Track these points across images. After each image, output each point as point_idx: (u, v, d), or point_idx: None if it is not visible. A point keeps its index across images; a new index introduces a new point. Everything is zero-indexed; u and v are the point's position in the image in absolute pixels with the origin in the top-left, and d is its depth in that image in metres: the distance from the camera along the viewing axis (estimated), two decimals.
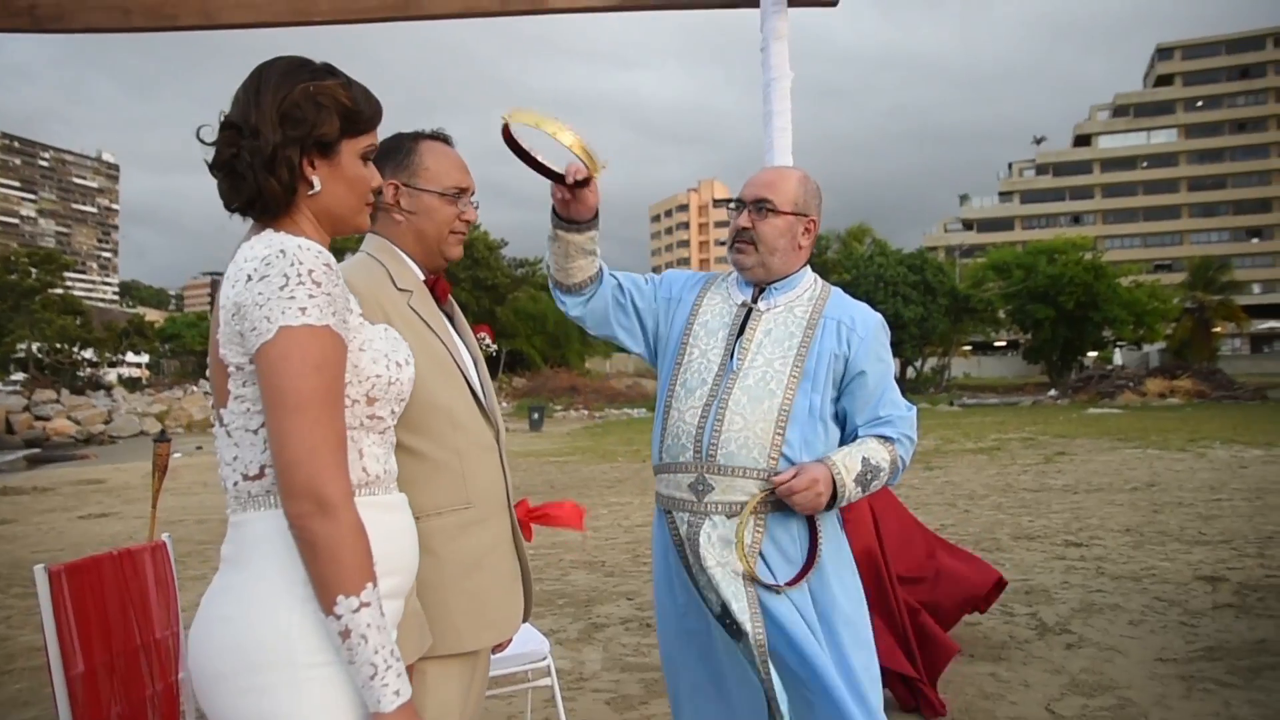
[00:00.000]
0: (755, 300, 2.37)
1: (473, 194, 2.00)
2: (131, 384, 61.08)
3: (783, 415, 2.21)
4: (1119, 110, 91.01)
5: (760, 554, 2.20)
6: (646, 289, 2.50)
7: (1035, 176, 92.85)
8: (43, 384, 53.57)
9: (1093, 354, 52.52)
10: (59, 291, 65.53)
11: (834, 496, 2.19)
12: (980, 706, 4.04)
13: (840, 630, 2.23)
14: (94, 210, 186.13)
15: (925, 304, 47.34)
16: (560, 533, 9.84)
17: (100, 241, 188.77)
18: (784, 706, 2.11)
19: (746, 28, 2.83)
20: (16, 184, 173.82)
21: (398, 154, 1.93)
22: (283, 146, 1.45)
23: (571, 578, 7.47)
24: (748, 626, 2.15)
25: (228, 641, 1.38)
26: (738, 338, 2.31)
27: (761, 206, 2.33)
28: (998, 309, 50.82)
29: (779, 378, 2.24)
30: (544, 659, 3.52)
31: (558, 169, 2.16)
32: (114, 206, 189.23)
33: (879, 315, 2.41)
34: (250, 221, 1.53)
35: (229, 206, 1.50)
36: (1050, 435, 20.50)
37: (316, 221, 1.54)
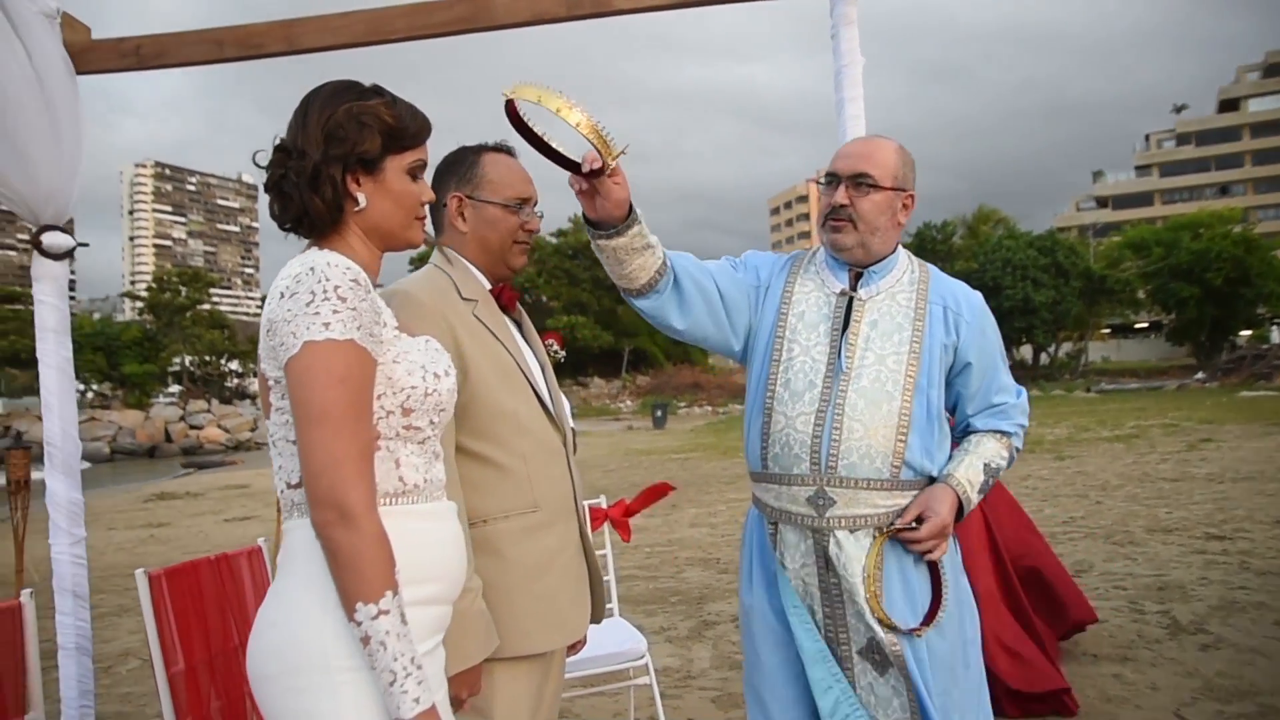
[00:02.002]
0: (854, 287, 2.18)
1: (536, 203, 2.02)
2: None
3: (903, 420, 2.05)
4: (1270, 69, 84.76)
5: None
6: (732, 271, 2.25)
7: (1176, 147, 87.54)
8: (195, 395, 57.16)
9: (1245, 333, 49.17)
10: (207, 308, 69.83)
11: (958, 514, 2.08)
12: (1102, 710, 3.83)
13: (954, 675, 2.10)
14: (236, 229, 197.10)
15: (1057, 287, 45.42)
16: (676, 530, 9.86)
17: (243, 258, 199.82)
18: None
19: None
20: (169, 209, 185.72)
21: (460, 166, 1.97)
22: (325, 165, 1.50)
23: (686, 575, 7.48)
24: (894, 660, 2.03)
25: (273, 645, 1.44)
26: (843, 332, 2.13)
27: (860, 181, 2.11)
28: (1136, 289, 48.23)
29: (894, 377, 2.07)
30: (642, 657, 3.53)
31: (574, 156, 1.89)
32: (254, 225, 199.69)
33: (978, 293, 2.24)
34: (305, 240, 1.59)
35: (281, 225, 1.56)
36: (1195, 421, 19.30)
37: (365, 238, 1.58)
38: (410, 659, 1.37)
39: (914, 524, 2.03)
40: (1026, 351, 50.75)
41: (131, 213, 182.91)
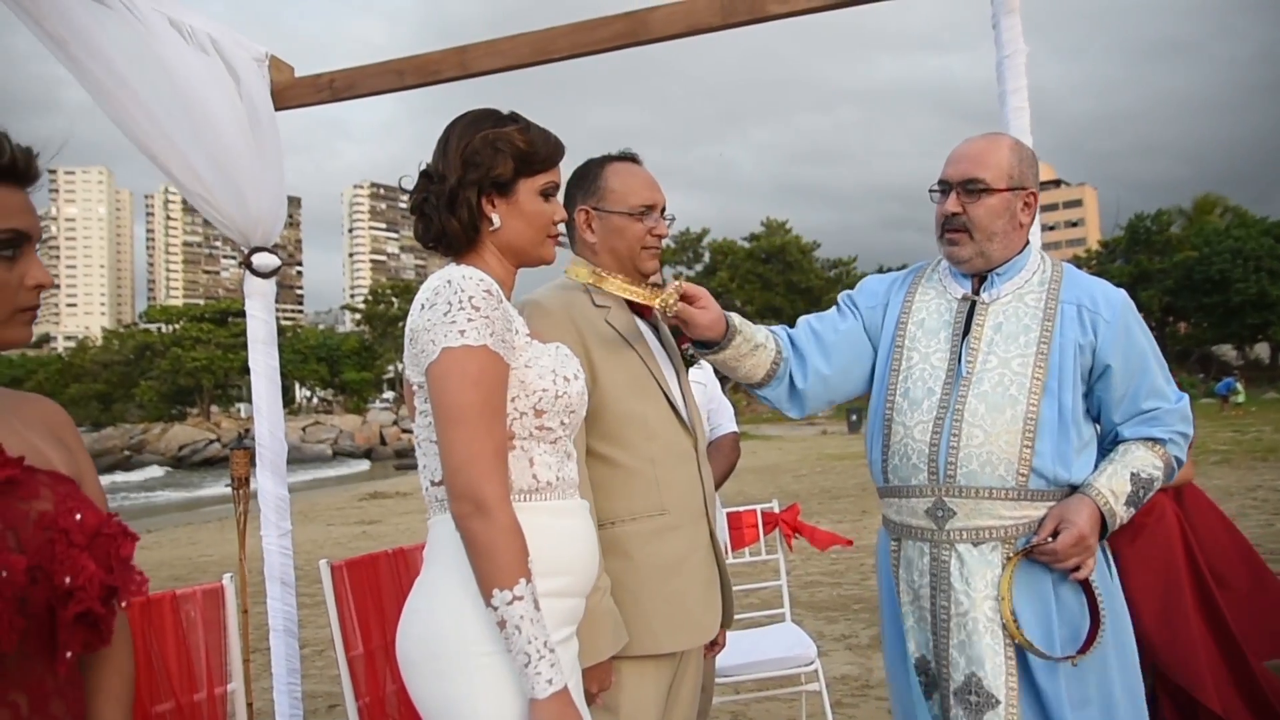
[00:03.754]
0: (977, 291, 2.08)
1: (663, 209, 2.06)
2: None
3: (1029, 424, 1.93)
4: None
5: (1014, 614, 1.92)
6: (834, 318, 2.23)
7: None
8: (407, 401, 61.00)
9: None
10: None
11: (1103, 529, 1.94)
12: None
13: (1094, 704, 1.94)
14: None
15: None
16: (865, 536, 9.64)
17: None
18: None
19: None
20: (383, 225, 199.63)
21: (585, 180, 2.04)
22: (462, 188, 1.64)
23: (870, 582, 7.32)
24: (1001, 695, 1.90)
25: (418, 631, 1.57)
26: (964, 337, 2.04)
27: (972, 187, 2.02)
28: None
29: (1019, 380, 1.95)
30: (811, 663, 3.51)
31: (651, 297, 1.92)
32: None
33: (1123, 292, 2.07)
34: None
35: (424, 244, 1.71)
36: None
37: (500, 255, 1.70)
38: (543, 643, 1.45)
39: (1050, 539, 1.90)
40: (1263, 350, 46.12)
41: (350, 230, 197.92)
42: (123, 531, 1.21)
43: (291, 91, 3.23)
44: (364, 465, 35.41)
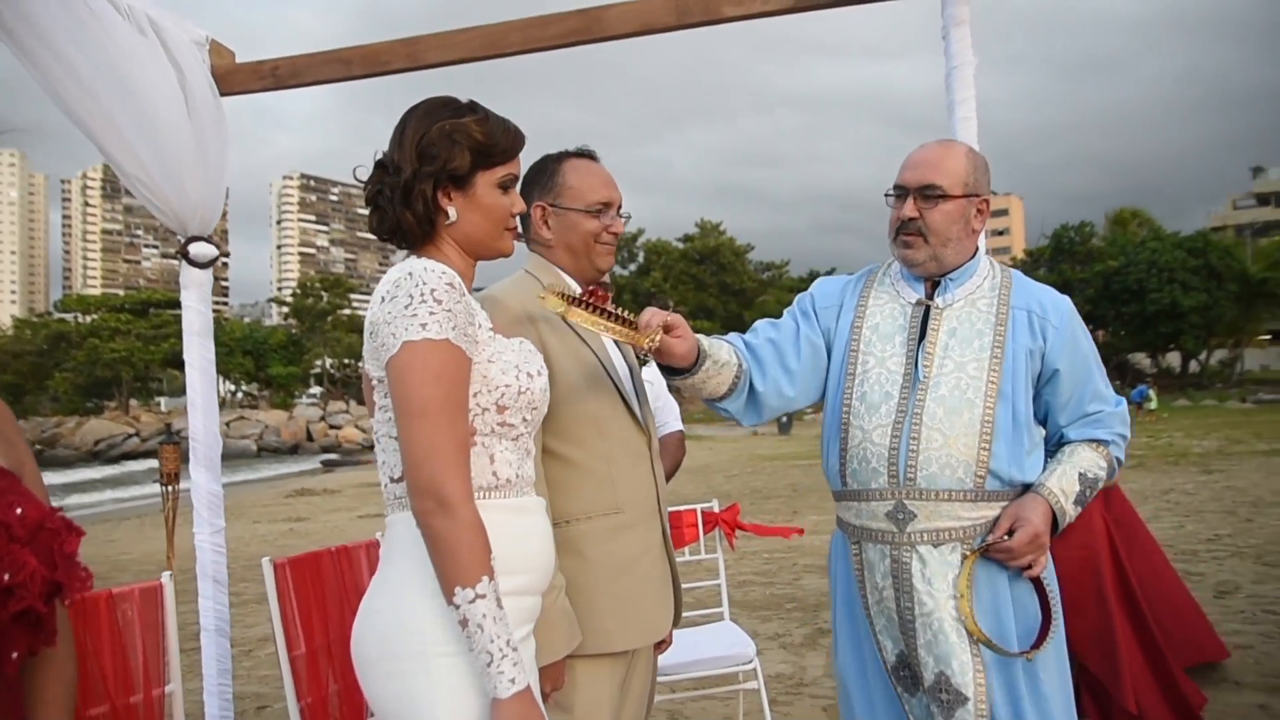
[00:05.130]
0: (931, 296, 2.11)
1: (619, 207, 2.06)
2: None
3: (986, 427, 1.97)
4: None
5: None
6: (785, 325, 2.22)
7: None
8: (335, 396, 59.96)
9: None
10: (347, 312, 73.14)
11: (1053, 528, 1.99)
12: None
13: (1054, 700, 1.99)
14: (374, 237, 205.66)
15: (1209, 290, 42.74)
16: (796, 537, 9.76)
17: (380, 265, 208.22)
18: None
19: (1000, 10, 2.63)
20: (313, 218, 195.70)
21: (542, 176, 2.02)
22: (417, 180, 1.60)
23: (803, 582, 7.41)
24: (969, 692, 1.94)
25: (375, 631, 1.53)
26: (919, 342, 2.07)
27: (929, 193, 2.04)
28: None
29: (975, 384, 1.99)
30: (750, 662, 3.53)
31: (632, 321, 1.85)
32: None
33: (1067, 298, 2.12)
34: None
35: (379, 236, 1.66)
36: None
37: (458, 247, 1.67)
38: (506, 641, 1.43)
39: (1005, 537, 1.95)
40: (1174, 358, 47.96)
41: (279, 222, 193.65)
42: (66, 526, 1.16)
43: (234, 78, 3.14)
44: (313, 463, 34.42)
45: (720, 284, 63.33)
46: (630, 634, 1.90)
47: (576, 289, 2.03)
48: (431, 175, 1.60)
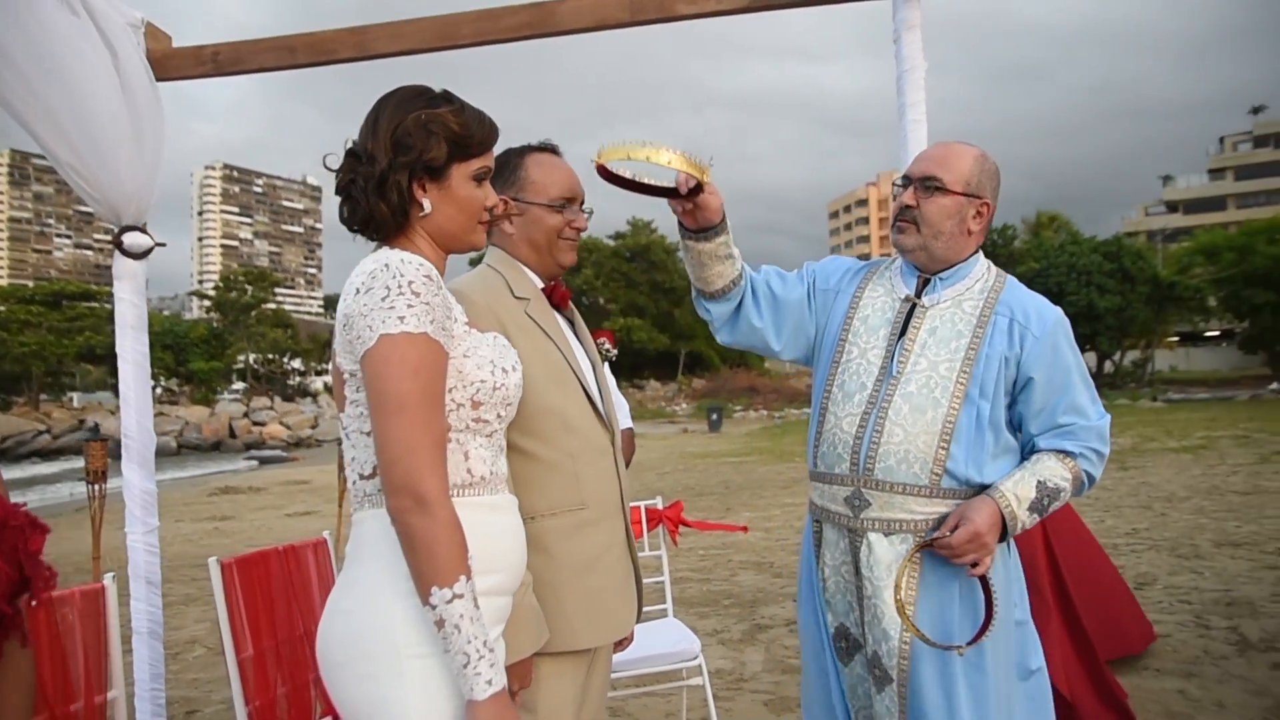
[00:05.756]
0: (920, 294, 2.16)
1: (582, 202, 2.05)
2: None
3: (947, 427, 2.01)
4: None
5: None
6: (791, 282, 2.31)
7: (1253, 150, 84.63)
8: (259, 392, 58.54)
9: None
10: (271, 306, 71.50)
11: (1004, 531, 2.00)
12: None
13: (996, 699, 2.02)
14: (300, 230, 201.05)
15: (1123, 293, 44.28)
16: (731, 534, 9.84)
17: (306, 259, 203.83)
18: None
19: (927, 21, 2.69)
20: (236, 209, 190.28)
21: (505, 170, 2.00)
22: (392, 171, 1.55)
23: (739, 578, 7.48)
24: (894, 675, 2.01)
25: (344, 632, 1.49)
26: (900, 337, 2.12)
27: (929, 184, 2.11)
28: (1207, 296, 46.80)
29: (944, 385, 2.04)
30: (695, 658, 3.55)
31: (666, 184, 2.05)
32: (318, 226, 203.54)
33: (1058, 310, 2.16)
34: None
35: (349, 227, 1.61)
36: (1270, 433, 18.67)
37: (432, 241, 1.63)
38: (483, 642, 1.41)
39: (949, 534, 1.99)
40: (1090, 359, 49.60)
41: (201, 213, 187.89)
42: (31, 523, 1.11)
43: (171, 62, 3.03)
44: (246, 462, 33.20)
45: (651, 282, 63.46)
46: (595, 631, 1.89)
47: (539, 283, 2.01)
48: (407, 166, 1.56)
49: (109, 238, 3.23)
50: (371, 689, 1.45)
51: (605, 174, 1.94)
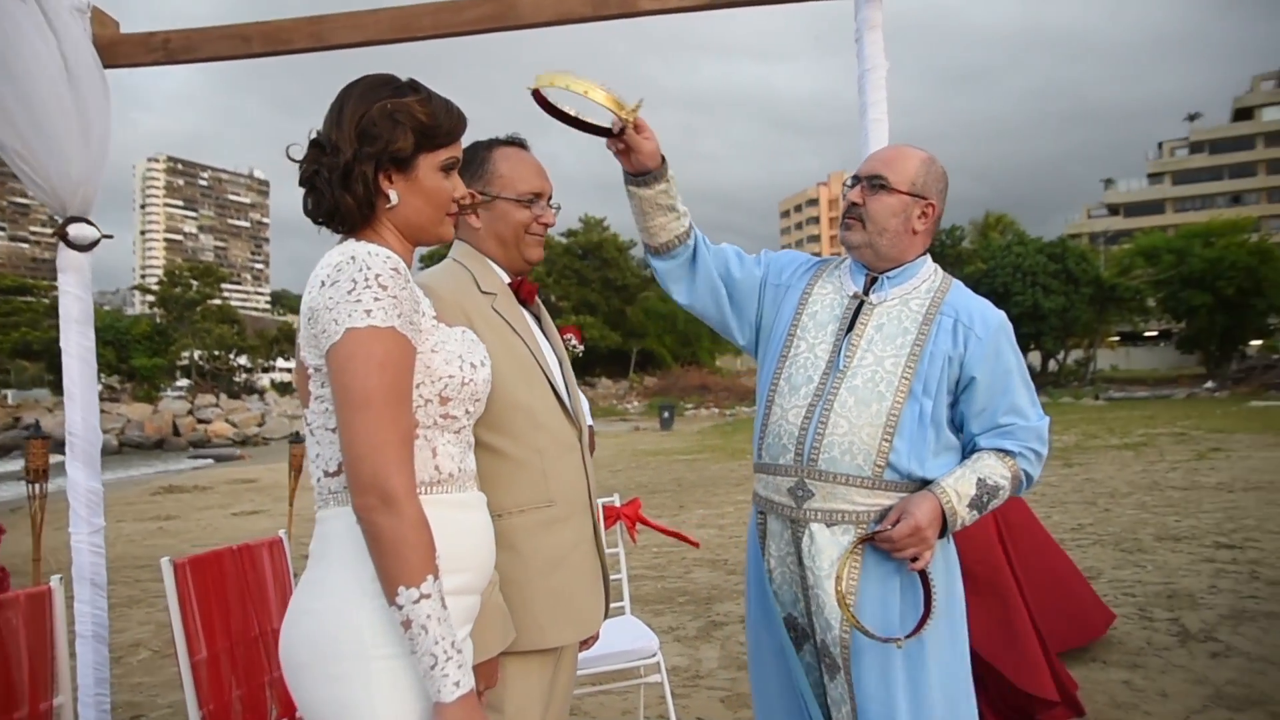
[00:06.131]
0: (867, 291, 2.20)
1: (550, 197, 2.02)
2: (283, 388, 64.57)
3: (891, 421, 2.05)
4: None
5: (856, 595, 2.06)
6: (749, 264, 2.35)
7: (1189, 155, 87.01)
8: (204, 389, 57.34)
9: (1256, 343, 48.96)
10: (217, 302, 70.07)
11: (944, 526, 2.04)
12: (1111, 716, 3.84)
13: (933, 689, 2.05)
14: (247, 224, 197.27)
15: (1067, 294, 45.30)
16: (684, 531, 9.86)
17: (253, 254, 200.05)
18: None
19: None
20: (180, 203, 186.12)
21: (473, 163, 1.96)
22: (358, 162, 1.51)
23: (693, 575, 7.49)
24: (840, 664, 2.05)
25: (308, 633, 1.45)
26: (847, 333, 2.16)
27: (875, 183, 2.16)
28: (1146, 297, 48.05)
29: (889, 379, 2.08)
30: (654, 655, 3.55)
31: (603, 124, 2.08)
32: (265, 220, 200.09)
33: (1001, 314, 2.19)
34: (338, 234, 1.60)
35: (314, 219, 1.57)
36: (1205, 430, 19.23)
37: (399, 233, 1.59)
38: (451, 643, 1.38)
39: (890, 527, 2.02)
40: (1035, 358, 50.63)
41: (143, 206, 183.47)
42: None
43: (119, 49, 2.95)
44: (198, 461, 32.24)
45: (603, 279, 63.42)
46: (563, 630, 1.87)
47: (505, 278, 1.98)
48: (373, 156, 1.52)
49: (47, 230, 3.14)
50: (338, 690, 1.41)
51: (541, 102, 1.95)
